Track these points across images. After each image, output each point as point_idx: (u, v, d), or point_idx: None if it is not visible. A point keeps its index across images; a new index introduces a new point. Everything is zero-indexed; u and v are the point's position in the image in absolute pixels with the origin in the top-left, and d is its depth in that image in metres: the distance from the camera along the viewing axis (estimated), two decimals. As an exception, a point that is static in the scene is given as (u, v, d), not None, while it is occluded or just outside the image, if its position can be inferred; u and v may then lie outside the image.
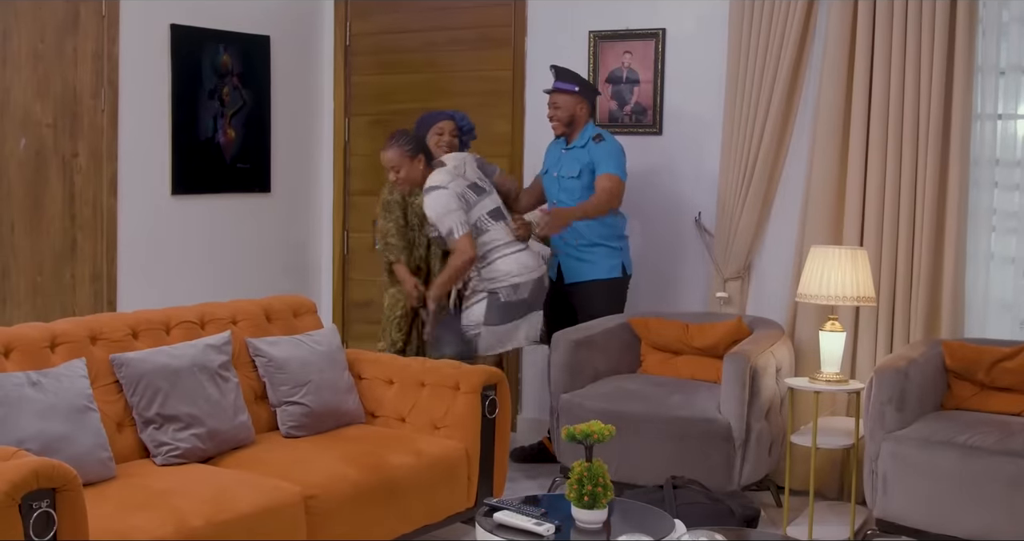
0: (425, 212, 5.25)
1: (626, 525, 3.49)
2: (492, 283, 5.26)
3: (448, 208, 5.19)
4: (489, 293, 5.27)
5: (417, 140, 5.38)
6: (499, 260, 5.28)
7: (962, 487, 4.29)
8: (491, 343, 5.30)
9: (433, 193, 5.23)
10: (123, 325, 4.18)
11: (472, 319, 5.29)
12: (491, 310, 5.26)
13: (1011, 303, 5.12)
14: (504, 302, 5.26)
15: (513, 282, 5.26)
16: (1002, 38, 5.03)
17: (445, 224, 5.20)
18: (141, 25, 5.79)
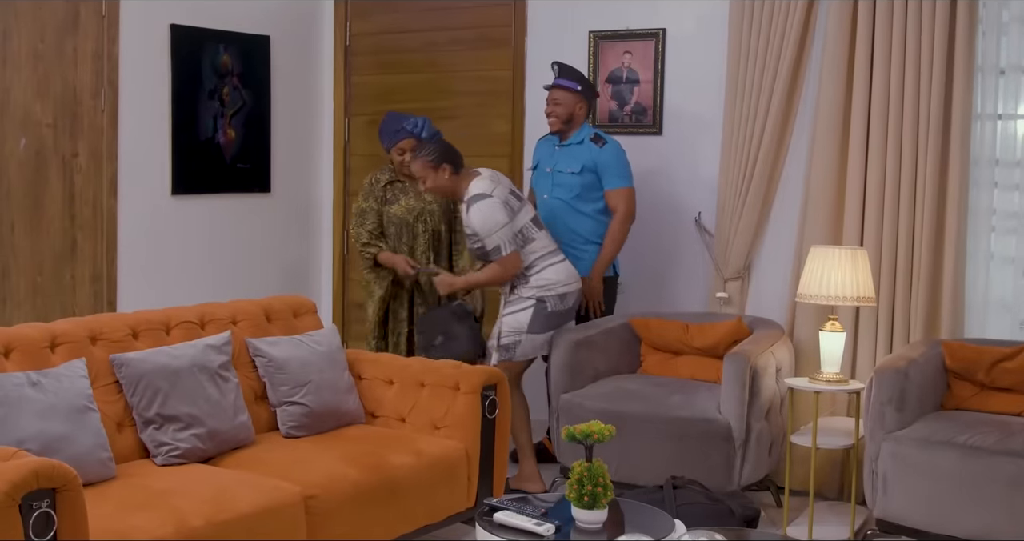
0: (471, 223, 5.09)
1: (626, 525, 3.49)
2: (542, 291, 5.15)
3: (496, 222, 5.06)
4: (537, 301, 5.15)
5: (443, 149, 5.20)
6: (549, 268, 5.18)
7: (962, 487, 4.29)
8: (527, 351, 5.21)
9: (480, 203, 5.07)
10: (123, 325, 4.18)
11: (514, 326, 5.16)
12: (537, 318, 5.15)
13: (1011, 303, 5.12)
14: (551, 311, 5.16)
15: (561, 292, 5.18)
16: (1002, 38, 5.03)
17: (493, 240, 5.07)
18: (141, 25, 5.79)
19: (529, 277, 5.16)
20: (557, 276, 5.17)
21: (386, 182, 5.57)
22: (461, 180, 5.18)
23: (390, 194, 5.55)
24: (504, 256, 5.08)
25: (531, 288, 5.15)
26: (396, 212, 5.51)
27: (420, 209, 5.51)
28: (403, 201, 5.52)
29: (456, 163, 5.18)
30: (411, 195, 5.52)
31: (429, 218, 5.53)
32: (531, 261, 5.16)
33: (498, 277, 5.17)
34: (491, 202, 5.06)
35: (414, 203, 5.51)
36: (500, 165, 6.24)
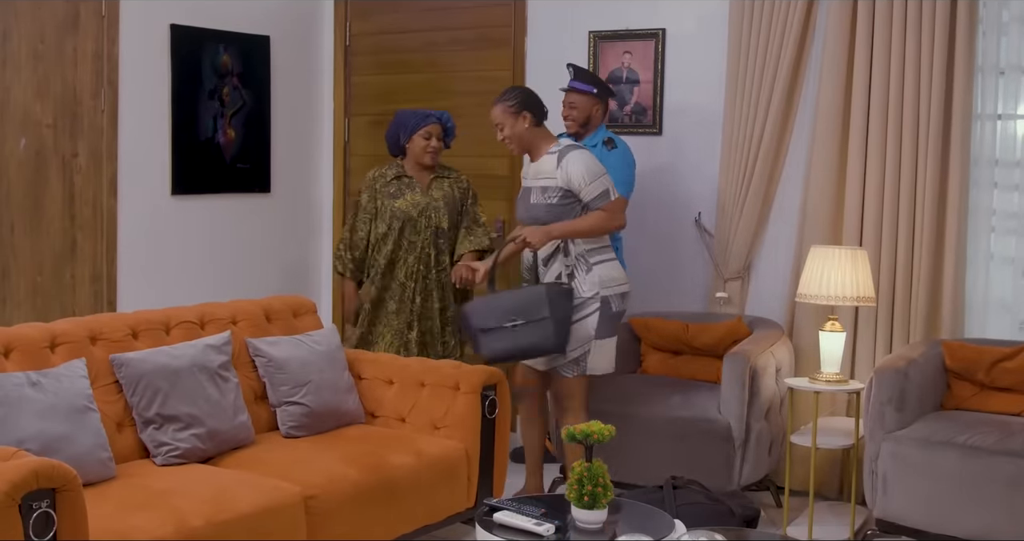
0: (569, 172, 4.65)
1: (626, 525, 3.49)
2: (605, 289, 4.70)
3: (600, 168, 4.71)
4: (602, 301, 4.68)
5: (525, 96, 4.83)
6: (607, 263, 4.75)
7: (962, 487, 4.30)
8: (598, 361, 4.73)
9: (579, 151, 4.73)
10: (123, 325, 4.18)
11: (580, 333, 4.66)
12: (604, 321, 4.69)
13: (1011, 303, 5.12)
14: (614, 312, 4.73)
15: (621, 290, 4.77)
16: (1002, 38, 5.03)
17: (599, 185, 4.66)
18: (141, 25, 5.79)
19: (592, 267, 4.71)
20: (618, 273, 4.79)
21: (393, 177, 5.46)
22: (540, 133, 4.81)
23: (395, 188, 5.43)
24: (613, 200, 4.68)
25: (593, 282, 4.68)
26: (400, 206, 5.38)
27: (425, 204, 5.40)
28: (408, 196, 5.40)
29: (537, 113, 4.82)
30: (417, 191, 5.42)
31: (433, 214, 5.40)
32: (595, 248, 4.74)
33: (605, 223, 4.70)
34: (589, 152, 4.79)
35: (420, 198, 5.40)
36: (500, 165, 6.26)
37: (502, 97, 4.83)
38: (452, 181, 5.52)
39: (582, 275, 4.69)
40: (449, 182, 5.50)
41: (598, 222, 4.69)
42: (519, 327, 4.55)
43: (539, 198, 4.73)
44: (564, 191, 4.67)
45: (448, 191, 5.46)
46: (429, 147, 5.38)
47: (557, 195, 4.68)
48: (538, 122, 4.81)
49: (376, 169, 5.54)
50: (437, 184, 5.46)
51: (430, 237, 5.39)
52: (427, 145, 5.38)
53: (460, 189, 5.53)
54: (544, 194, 4.71)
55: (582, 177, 4.64)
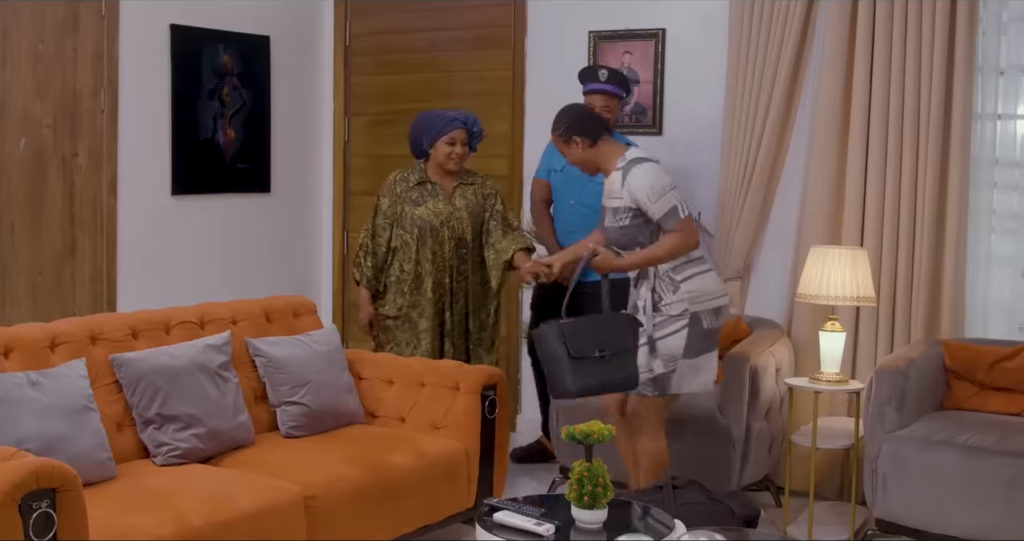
0: (633, 189, 4.30)
1: (626, 525, 3.49)
2: (695, 304, 4.30)
3: (667, 182, 4.32)
4: (691, 317, 4.30)
5: (570, 120, 4.49)
6: (698, 277, 4.35)
7: (962, 487, 4.30)
8: (683, 382, 4.35)
9: (644, 165, 4.36)
10: (123, 325, 4.18)
11: (666, 352, 4.30)
12: (693, 339, 4.30)
13: (1011, 304, 5.12)
14: (707, 329, 4.33)
15: (715, 305, 4.36)
16: (1002, 38, 5.04)
17: (667, 202, 4.27)
18: (141, 25, 5.79)
19: (679, 284, 4.31)
20: (711, 285, 4.38)
21: (415, 182, 5.16)
22: (602, 151, 4.46)
23: (417, 195, 5.12)
24: (683, 219, 4.27)
25: (681, 300, 4.29)
26: (422, 214, 5.08)
27: (448, 214, 5.10)
28: (431, 203, 5.11)
29: (589, 132, 4.44)
30: (440, 198, 5.12)
31: (457, 224, 5.11)
32: (681, 264, 4.33)
33: (679, 246, 4.28)
34: (656, 165, 4.39)
35: (442, 207, 5.11)
36: (500, 166, 6.25)
37: (553, 126, 4.52)
38: (477, 188, 5.22)
39: (669, 296, 4.31)
40: (473, 189, 5.21)
41: (673, 246, 4.29)
42: (607, 359, 4.18)
43: (611, 220, 4.41)
44: (633, 210, 4.32)
45: (472, 199, 5.17)
46: (453, 154, 5.09)
47: (627, 216, 4.34)
48: (593, 141, 4.45)
49: (398, 172, 5.24)
50: (461, 192, 5.17)
51: (452, 248, 5.11)
52: (451, 151, 5.09)
53: (483, 195, 5.22)
54: (616, 216, 4.38)
55: (647, 195, 4.27)
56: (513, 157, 6.27)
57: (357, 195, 6.86)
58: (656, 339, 4.30)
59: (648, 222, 4.32)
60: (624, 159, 4.38)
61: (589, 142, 4.44)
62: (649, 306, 4.33)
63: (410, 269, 5.11)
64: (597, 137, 4.45)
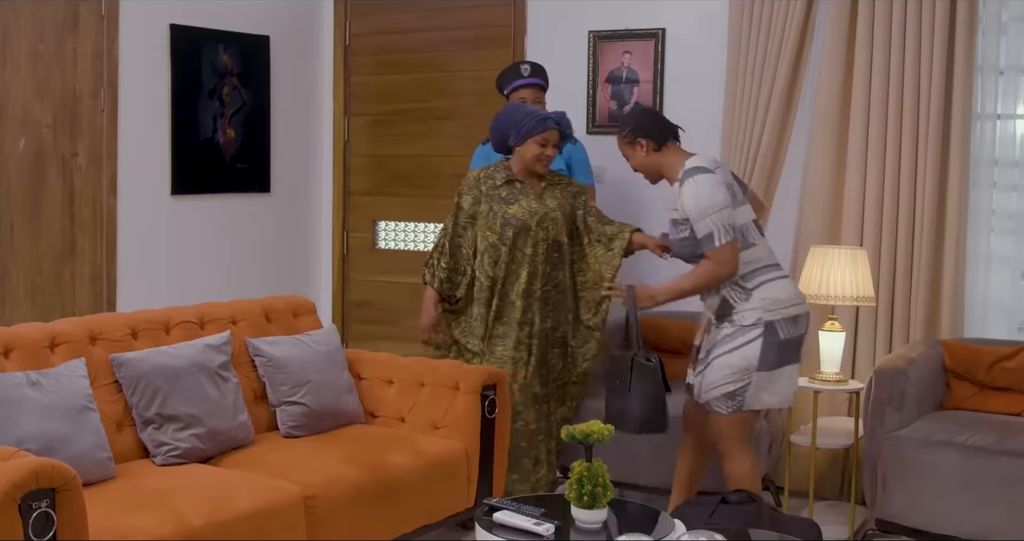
0: (682, 202, 4.14)
1: (625, 525, 3.49)
2: (769, 312, 4.11)
3: (713, 201, 4.07)
4: (765, 327, 4.10)
5: (638, 121, 4.33)
6: (773, 283, 4.15)
7: (962, 487, 4.30)
8: (759, 396, 4.15)
9: (697, 177, 4.12)
10: (123, 325, 4.18)
11: (739, 364, 4.11)
12: (768, 350, 4.09)
13: (1010, 303, 5.13)
14: (784, 339, 4.11)
15: (792, 313, 4.15)
16: (1002, 38, 5.04)
17: (705, 225, 4.07)
18: (141, 25, 5.79)
19: (751, 292, 4.14)
20: (785, 293, 4.16)
21: (503, 180, 4.82)
22: (666, 157, 4.28)
23: (507, 193, 4.79)
24: (717, 247, 4.06)
25: (754, 308, 4.11)
26: (516, 213, 4.73)
27: (542, 213, 4.75)
28: (523, 202, 4.77)
29: (655, 136, 4.28)
30: (531, 197, 4.79)
31: (551, 225, 4.76)
32: (751, 272, 4.16)
33: (710, 277, 4.12)
34: (711, 177, 4.11)
35: (535, 206, 4.77)
36: (500, 165, 6.25)
37: (618, 128, 4.38)
38: (563, 187, 4.90)
39: (741, 304, 4.14)
40: (560, 189, 4.88)
41: (702, 277, 4.13)
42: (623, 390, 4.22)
43: (673, 232, 4.28)
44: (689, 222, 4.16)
45: (562, 199, 4.84)
46: (543, 156, 4.73)
47: (686, 228, 4.17)
48: (659, 146, 4.28)
49: (481, 170, 4.90)
50: (550, 192, 4.84)
51: (544, 251, 4.76)
52: (541, 153, 4.72)
53: (572, 194, 4.90)
54: (676, 228, 4.24)
55: (692, 211, 4.10)
56: (513, 157, 6.26)
57: (357, 195, 6.86)
58: (720, 355, 4.12)
59: None
60: (684, 168, 4.18)
61: (655, 146, 4.27)
62: (718, 321, 4.17)
63: (497, 273, 4.78)
64: (663, 142, 4.28)
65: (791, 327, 4.13)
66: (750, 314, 4.10)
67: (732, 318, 4.13)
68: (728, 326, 4.14)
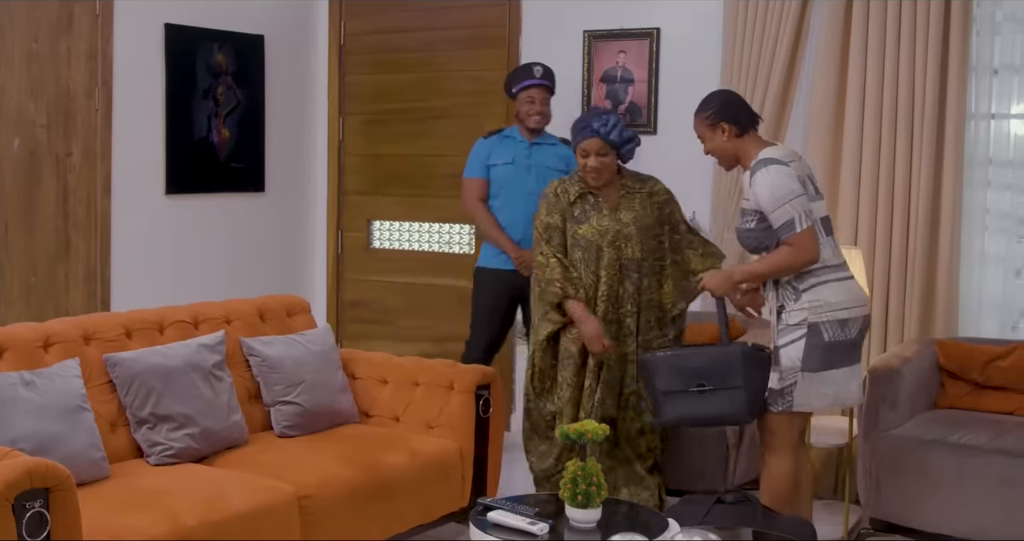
0: (755, 193, 4.03)
1: (619, 524, 3.49)
2: (814, 314, 3.99)
3: (791, 190, 3.96)
4: (808, 327, 3.99)
5: (723, 104, 4.19)
6: (828, 285, 4.02)
7: (956, 486, 4.30)
8: (806, 397, 4.03)
9: (771, 167, 4.00)
10: (117, 325, 4.18)
11: (787, 363, 4.02)
12: (811, 351, 3.99)
13: (1004, 303, 5.13)
14: (829, 342, 3.99)
15: (841, 316, 4.00)
16: (996, 37, 5.05)
17: (785, 212, 3.95)
18: (135, 25, 5.78)
19: (801, 293, 4.02)
20: (837, 296, 4.01)
21: (576, 195, 4.57)
22: (746, 144, 4.15)
23: (579, 210, 4.56)
24: (798, 233, 3.95)
25: (801, 309, 4.01)
26: (585, 233, 4.50)
27: (615, 231, 4.50)
28: (594, 220, 4.53)
29: (739, 122, 4.14)
30: (604, 213, 4.53)
31: (624, 244, 4.50)
32: (807, 272, 4.03)
33: (791, 262, 3.99)
34: (784, 169, 4.00)
35: (607, 224, 4.51)
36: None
37: (700, 106, 4.23)
38: (645, 196, 4.61)
39: (791, 304, 4.04)
40: (641, 198, 4.60)
41: (782, 261, 4.00)
42: (707, 393, 4.06)
43: (740, 221, 4.17)
44: (759, 214, 4.05)
45: (640, 211, 4.55)
46: (588, 167, 4.51)
47: (754, 219, 4.07)
48: (741, 132, 4.14)
49: (558, 184, 4.66)
50: (627, 202, 4.57)
51: (617, 273, 4.51)
52: (584, 164, 4.52)
53: (656, 204, 4.62)
54: (743, 218, 4.13)
55: (767, 201, 3.99)
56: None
57: (351, 194, 6.86)
58: (778, 349, 4.05)
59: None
60: (757, 158, 4.07)
61: (737, 131, 4.14)
62: (777, 317, 4.09)
63: None
64: (746, 129, 4.15)
65: (838, 330, 4.00)
66: (796, 314, 4.02)
67: (782, 316, 4.06)
68: (780, 322, 4.08)
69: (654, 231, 4.57)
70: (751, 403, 4.04)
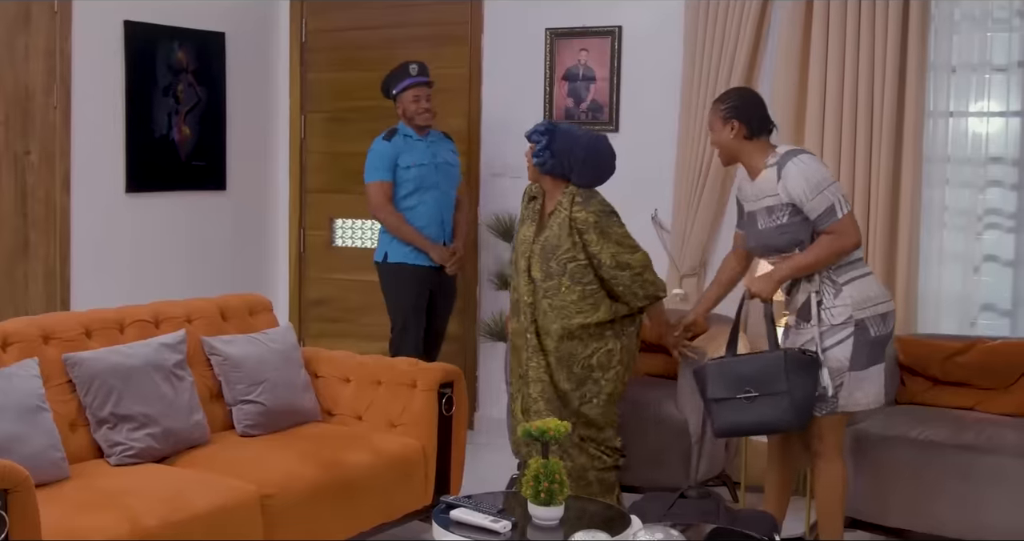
0: (789, 185, 3.96)
1: (582, 522, 3.50)
2: (861, 309, 3.96)
3: (825, 177, 3.96)
4: (856, 325, 3.96)
5: (741, 104, 4.14)
6: (860, 280, 4.00)
7: (916, 481, 4.35)
8: (853, 397, 4.01)
9: (802, 157, 3.99)
10: (76, 324, 4.15)
11: (834, 364, 3.97)
12: (860, 349, 3.95)
13: (963, 299, 5.18)
14: (875, 337, 3.99)
15: (881, 311, 4.00)
16: (954, 36, 5.09)
17: (824, 199, 3.92)
18: (94, 22, 5.73)
19: (842, 287, 3.97)
20: (874, 290, 4.02)
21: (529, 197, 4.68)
22: (752, 147, 4.11)
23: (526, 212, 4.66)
24: (840, 219, 3.92)
25: (844, 305, 3.96)
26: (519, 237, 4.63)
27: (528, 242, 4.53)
28: (524, 228, 4.61)
29: (751, 124, 4.10)
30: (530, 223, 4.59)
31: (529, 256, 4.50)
32: (843, 266, 4.00)
33: (836, 249, 3.94)
34: (813, 157, 4.03)
35: (528, 234, 4.56)
36: (457, 162, 6.25)
37: (719, 97, 4.23)
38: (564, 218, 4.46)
39: (831, 299, 3.98)
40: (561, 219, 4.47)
41: (827, 250, 3.94)
42: (754, 399, 3.97)
43: (767, 222, 4.07)
44: (791, 207, 3.98)
45: (556, 231, 4.45)
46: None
47: (786, 213, 4.00)
48: (750, 135, 4.10)
49: None
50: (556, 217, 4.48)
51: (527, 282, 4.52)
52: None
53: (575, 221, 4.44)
54: (771, 216, 4.04)
55: (803, 192, 3.93)
56: (470, 154, 6.26)
57: (313, 192, 6.83)
58: (824, 351, 3.97)
59: (808, 220, 3.99)
60: (776, 155, 4.05)
61: (746, 133, 4.09)
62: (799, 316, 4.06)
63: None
64: (756, 133, 4.11)
65: (881, 325, 4.00)
66: (840, 311, 3.96)
67: (821, 317, 3.98)
68: (810, 327, 4.00)
69: (562, 254, 4.41)
70: (797, 409, 3.93)
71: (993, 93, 5.09)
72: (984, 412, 4.71)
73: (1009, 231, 5.12)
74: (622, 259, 4.39)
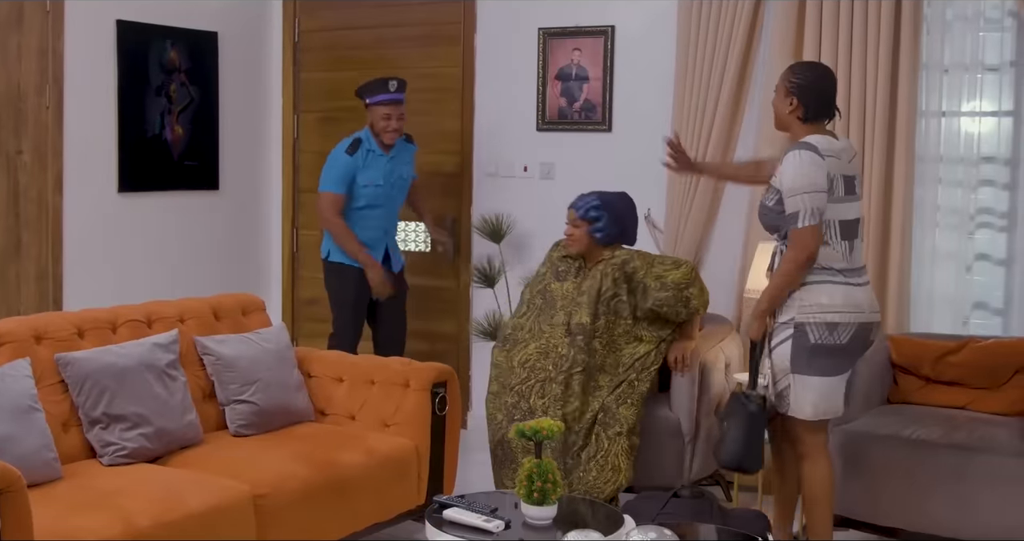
0: (782, 172, 3.98)
1: (575, 521, 3.50)
2: (801, 313, 3.97)
3: (812, 182, 3.89)
4: (795, 328, 3.98)
5: (809, 83, 4.05)
6: (819, 286, 3.96)
7: (908, 480, 4.35)
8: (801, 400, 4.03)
9: (804, 153, 3.93)
10: (69, 324, 4.14)
11: (778, 362, 4.06)
12: (798, 352, 3.98)
13: (955, 298, 5.19)
14: (813, 344, 3.96)
15: (828, 319, 3.94)
16: (946, 36, 5.10)
17: (794, 203, 3.91)
18: (87, 21, 5.73)
19: (791, 291, 4.01)
20: (830, 299, 3.95)
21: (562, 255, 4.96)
22: (802, 128, 4.06)
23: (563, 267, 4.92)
24: (799, 229, 3.90)
25: (789, 307, 3.99)
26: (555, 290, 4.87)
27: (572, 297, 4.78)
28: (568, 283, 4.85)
29: (808, 107, 4.04)
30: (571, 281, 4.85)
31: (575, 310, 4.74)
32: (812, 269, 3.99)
33: (791, 265, 3.96)
34: (818, 159, 3.91)
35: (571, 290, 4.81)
36: (449, 163, 6.25)
37: (794, 67, 4.16)
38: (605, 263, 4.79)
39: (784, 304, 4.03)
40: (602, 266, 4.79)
41: (786, 267, 3.99)
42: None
43: (765, 197, 4.12)
44: (780, 195, 4.01)
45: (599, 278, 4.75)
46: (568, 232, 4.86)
47: (775, 197, 4.03)
48: (807, 119, 4.04)
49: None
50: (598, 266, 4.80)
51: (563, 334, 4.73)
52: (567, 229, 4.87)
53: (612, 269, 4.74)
54: (768, 192, 4.09)
55: (787, 186, 3.95)
56: (463, 154, 6.26)
57: (306, 192, 6.82)
58: (771, 350, 4.07)
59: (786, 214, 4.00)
60: (802, 139, 4.00)
61: (802, 113, 4.04)
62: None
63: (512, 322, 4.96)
64: (813, 117, 4.04)
65: (824, 333, 3.95)
66: (785, 312, 4.01)
67: (774, 313, 4.06)
68: (774, 323, 4.08)
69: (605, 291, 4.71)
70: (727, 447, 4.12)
71: (985, 93, 5.10)
72: (976, 411, 4.72)
73: (1001, 230, 5.14)
74: (666, 279, 4.68)
